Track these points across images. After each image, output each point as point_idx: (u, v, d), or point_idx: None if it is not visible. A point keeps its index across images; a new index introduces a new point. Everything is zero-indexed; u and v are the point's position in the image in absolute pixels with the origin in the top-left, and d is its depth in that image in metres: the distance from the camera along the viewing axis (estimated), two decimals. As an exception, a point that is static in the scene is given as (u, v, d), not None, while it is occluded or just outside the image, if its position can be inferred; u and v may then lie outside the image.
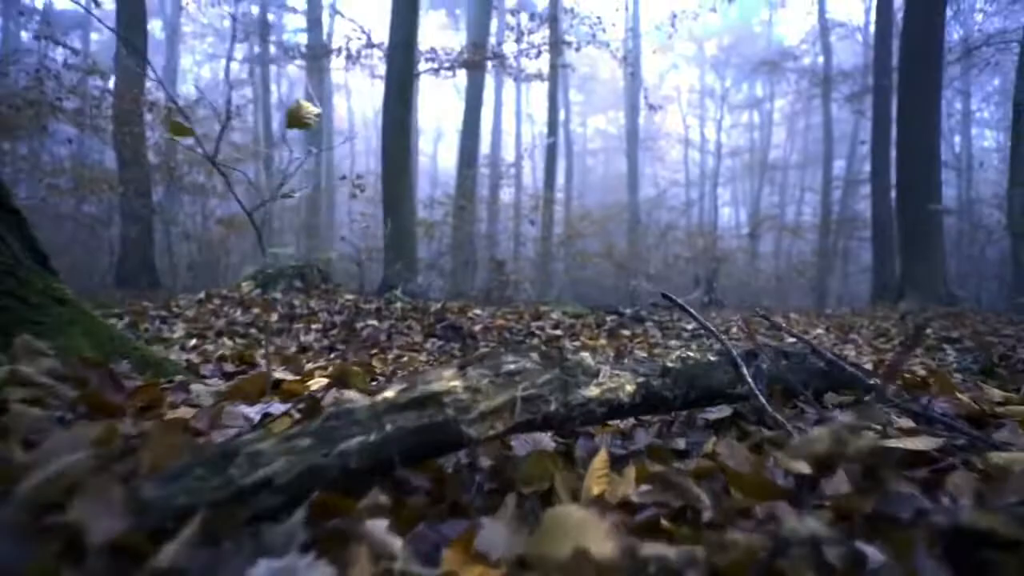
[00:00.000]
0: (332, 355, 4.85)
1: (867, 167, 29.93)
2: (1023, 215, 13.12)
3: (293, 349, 4.85)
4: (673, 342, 5.69)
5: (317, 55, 18.18)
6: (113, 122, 14.04)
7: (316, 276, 6.91)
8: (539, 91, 29.76)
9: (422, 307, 6.24)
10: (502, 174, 19.98)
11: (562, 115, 31.35)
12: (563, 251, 19.40)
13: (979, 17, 20.97)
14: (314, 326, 5.46)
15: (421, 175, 34.65)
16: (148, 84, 14.05)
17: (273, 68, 31.99)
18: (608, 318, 6.57)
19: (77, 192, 14.73)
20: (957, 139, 30.90)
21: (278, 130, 26.75)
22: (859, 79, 22.40)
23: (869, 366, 3.19)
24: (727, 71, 33.75)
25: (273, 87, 32.16)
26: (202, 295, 6.51)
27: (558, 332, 5.71)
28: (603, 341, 5.59)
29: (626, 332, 6.00)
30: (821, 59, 27.33)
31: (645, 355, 4.88)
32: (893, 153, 16.80)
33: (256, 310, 5.90)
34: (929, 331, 7.23)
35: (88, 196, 14.61)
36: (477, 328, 5.70)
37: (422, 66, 14.26)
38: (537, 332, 5.66)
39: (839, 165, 29.43)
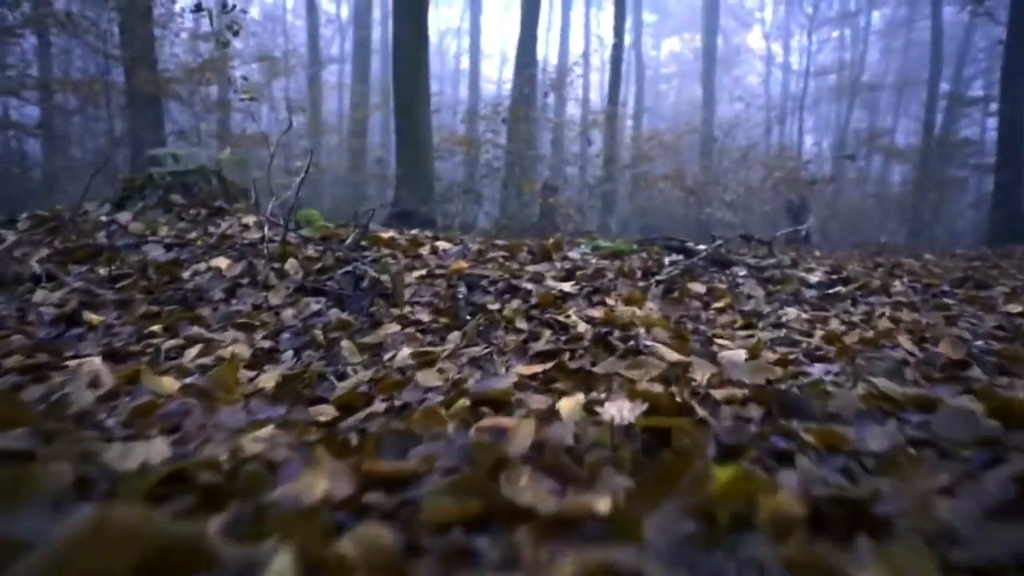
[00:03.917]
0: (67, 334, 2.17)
1: (975, 88, 25.37)
2: None
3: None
4: (790, 310, 2.74)
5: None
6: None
7: (211, 188, 4.16)
8: (609, 14, 25.72)
9: (339, 236, 3.43)
10: (554, 84, 16.58)
11: (630, 39, 27.53)
12: (628, 176, 16.12)
13: None
14: (102, 270, 2.75)
15: (484, 102, 31.42)
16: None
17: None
18: (667, 260, 3.63)
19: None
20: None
21: (326, 51, 24.09)
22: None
23: None
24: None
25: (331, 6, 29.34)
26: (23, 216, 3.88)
27: (567, 288, 2.81)
28: (651, 306, 2.70)
29: (698, 286, 3.07)
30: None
31: (733, 343, 2.02)
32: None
33: (61, 240, 3.23)
34: None
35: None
36: (416, 276, 2.87)
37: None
38: (527, 287, 2.79)
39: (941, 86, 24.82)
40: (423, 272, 2.87)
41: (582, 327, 2.28)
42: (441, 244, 3.48)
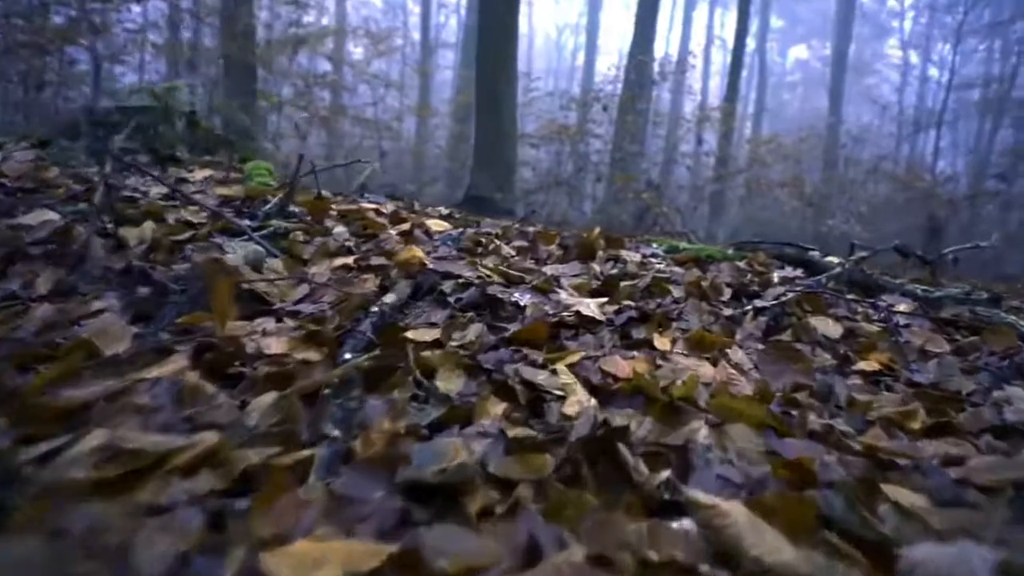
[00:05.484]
0: None
1: None
2: None
3: None
4: (1017, 392, 1.36)
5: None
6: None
7: (173, 134, 3.12)
8: (734, 16, 23.47)
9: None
10: (665, 75, 14.83)
11: (753, 43, 25.40)
12: (741, 180, 14.25)
13: None
14: None
15: (593, 93, 29.86)
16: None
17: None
18: (777, 275, 2.29)
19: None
20: None
21: (440, 35, 23.49)
22: None
23: None
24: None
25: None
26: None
27: (591, 308, 1.54)
28: (738, 357, 1.38)
29: (827, 325, 1.71)
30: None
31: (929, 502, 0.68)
32: None
33: None
34: None
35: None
36: (336, 265, 1.67)
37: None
38: (518, 299, 1.53)
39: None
40: (348, 260, 1.68)
41: (576, 402, 1.02)
42: (433, 224, 2.28)
